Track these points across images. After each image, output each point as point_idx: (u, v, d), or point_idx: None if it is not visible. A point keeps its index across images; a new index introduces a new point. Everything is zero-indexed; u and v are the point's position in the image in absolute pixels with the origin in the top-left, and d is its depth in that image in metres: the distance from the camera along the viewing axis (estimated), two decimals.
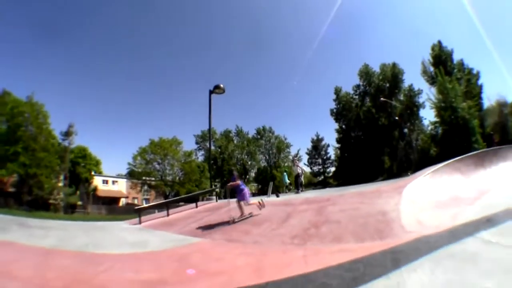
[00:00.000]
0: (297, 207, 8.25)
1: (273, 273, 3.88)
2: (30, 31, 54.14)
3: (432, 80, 31.18)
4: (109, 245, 6.89)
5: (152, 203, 22.63)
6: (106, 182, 44.44)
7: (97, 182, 42.13)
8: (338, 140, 41.83)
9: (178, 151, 41.86)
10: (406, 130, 36.61)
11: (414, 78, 59.08)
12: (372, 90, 39.13)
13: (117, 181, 45.80)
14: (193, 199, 13.53)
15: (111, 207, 36.78)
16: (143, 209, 11.52)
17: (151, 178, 40.23)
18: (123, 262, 5.27)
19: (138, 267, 4.95)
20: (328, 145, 44.92)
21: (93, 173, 41.98)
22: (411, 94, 36.37)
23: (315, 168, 45.29)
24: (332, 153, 44.36)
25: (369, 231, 5.27)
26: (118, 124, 70.00)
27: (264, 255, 5.16)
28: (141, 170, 39.89)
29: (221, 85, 15.16)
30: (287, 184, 20.07)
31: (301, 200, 9.52)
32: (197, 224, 8.42)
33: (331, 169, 44.51)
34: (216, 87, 15.05)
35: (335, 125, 41.84)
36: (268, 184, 17.95)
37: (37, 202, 27.20)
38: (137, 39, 71.03)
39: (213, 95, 15.23)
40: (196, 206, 12.04)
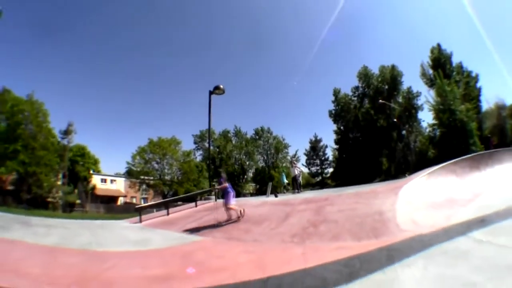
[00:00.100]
0: (296, 207, 8.39)
1: (274, 268, 4.03)
2: (30, 31, 54.06)
3: (431, 82, 31.33)
4: (112, 243, 7.01)
5: (152, 202, 22.70)
6: (104, 181, 44.52)
7: (96, 181, 42.18)
8: (337, 141, 41.96)
9: (177, 151, 41.84)
10: (404, 132, 36.69)
11: (413, 80, 59.70)
12: (371, 92, 39.27)
13: (115, 180, 45.87)
14: (192, 199, 13.69)
15: (109, 206, 36.87)
16: (143, 208, 11.64)
17: (149, 178, 40.21)
18: (128, 259, 5.41)
19: (144, 263, 5.07)
20: (326, 146, 45.05)
21: (91, 171, 41.98)
22: (410, 96, 36.48)
23: (313, 169, 45.37)
24: (330, 154, 44.55)
25: (365, 230, 5.44)
26: (117, 123, 69.93)
27: (264, 252, 5.33)
28: (139, 169, 39.87)
29: (221, 86, 15.19)
30: (285, 185, 20.20)
31: (299, 200, 9.65)
32: (198, 223, 8.58)
33: (329, 170, 44.68)
34: (216, 88, 15.08)
35: (333, 126, 42.08)
36: (267, 185, 18.08)
37: (36, 200, 27.21)
38: (137, 38, 71.07)
39: (212, 96, 15.33)
40: (196, 206, 12.19)
